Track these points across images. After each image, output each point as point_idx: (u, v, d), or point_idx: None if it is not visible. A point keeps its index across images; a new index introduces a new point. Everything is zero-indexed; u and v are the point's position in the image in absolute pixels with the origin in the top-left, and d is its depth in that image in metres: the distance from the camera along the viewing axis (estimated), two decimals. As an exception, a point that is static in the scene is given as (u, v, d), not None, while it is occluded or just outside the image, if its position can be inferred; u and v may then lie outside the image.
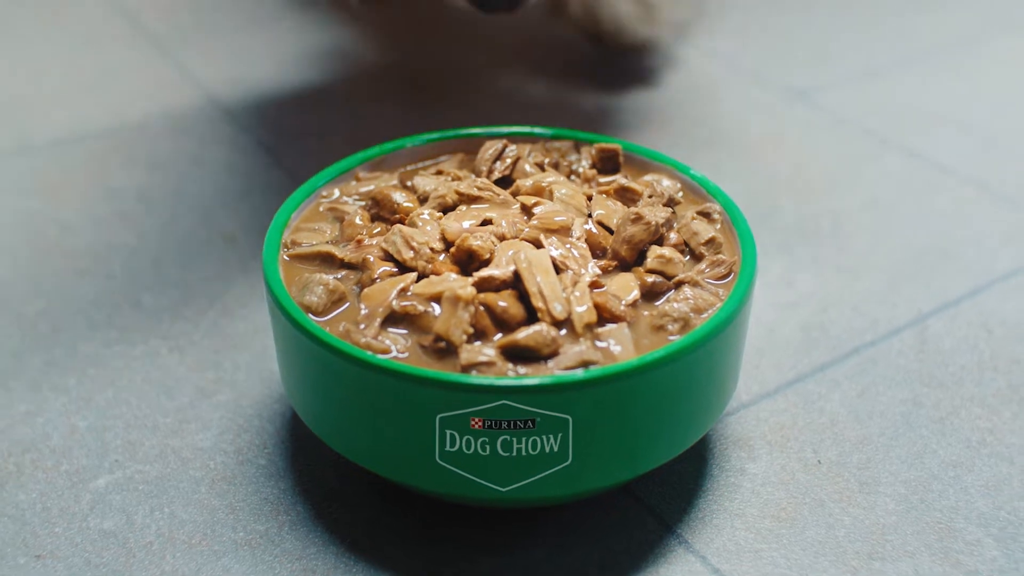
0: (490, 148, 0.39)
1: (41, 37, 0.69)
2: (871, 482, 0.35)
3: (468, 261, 0.33)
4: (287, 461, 0.36)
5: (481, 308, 0.31)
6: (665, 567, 0.32)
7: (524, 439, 0.30)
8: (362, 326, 0.31)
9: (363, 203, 0.37)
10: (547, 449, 0.30)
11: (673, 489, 0.35)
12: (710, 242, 0.35)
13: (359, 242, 0.35)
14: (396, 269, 0.33)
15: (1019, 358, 0.41)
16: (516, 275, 0.32)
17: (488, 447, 0.30)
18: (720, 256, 0.34)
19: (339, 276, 0.34)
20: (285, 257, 0.35)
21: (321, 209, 0.38)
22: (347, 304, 0.33)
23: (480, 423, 0.30)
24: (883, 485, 0.35)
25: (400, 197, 0.36)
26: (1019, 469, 0.36)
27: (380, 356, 0.30)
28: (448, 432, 0.30)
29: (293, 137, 0.57)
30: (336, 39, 0.67)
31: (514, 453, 0.30)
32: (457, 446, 0.30)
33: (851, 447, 0.37)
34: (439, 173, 0.39)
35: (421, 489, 0.33)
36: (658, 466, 0.33)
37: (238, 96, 0.61)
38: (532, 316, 0.31)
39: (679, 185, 0.39)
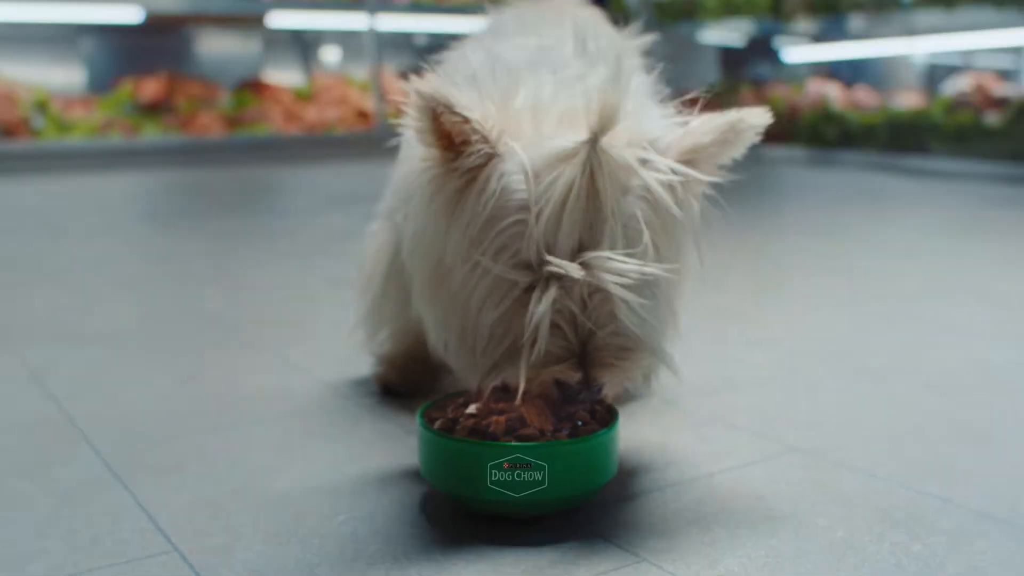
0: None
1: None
2: (686, 512, 0.80)
3: (501, 412, 0.80)
4: (417, 496, 0.81)
5: (508, 425, 0.78)
6: (589, 548, 0.76)
7: (525, 473, 0.75)
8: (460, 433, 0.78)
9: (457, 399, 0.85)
10: (536, 479, 0.75)
11: (597, 515, 0.79)
12: (597, 412, 0.82)
13: (456, 410, 0.82)
14: (474, 417, 0.80)
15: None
16: (521, 416, 0.79)
17: (510, 476, 0.75)
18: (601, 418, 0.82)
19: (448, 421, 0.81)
20: (424, 419, 0.82)
21: (436, 407, 0.85)
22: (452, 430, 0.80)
23: (507, 465, 0.75)
24: (684, 522, 0.79)
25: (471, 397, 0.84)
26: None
27: (471, 440, 0.77)
28: (493, 470, 0.76)
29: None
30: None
31: (521, 479, 0.75)
32: (496, 477, 0.76)
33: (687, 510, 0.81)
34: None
35: (478, 500, 0.77)
36: (586, 494, 0.78)
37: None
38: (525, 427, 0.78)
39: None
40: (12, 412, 1.06)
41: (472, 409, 0.81)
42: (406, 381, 1.10)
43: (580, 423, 0.80)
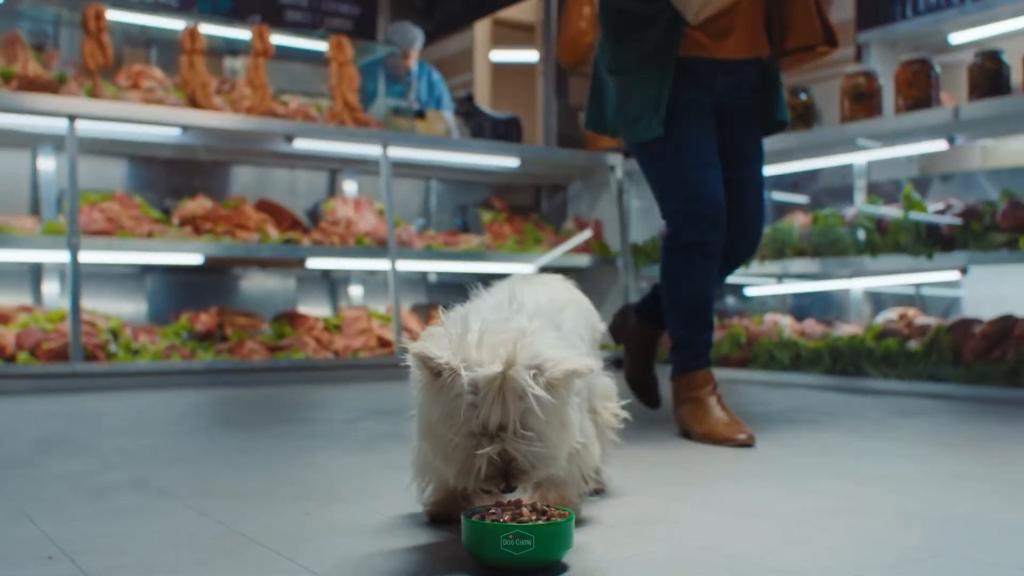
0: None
1: None
2: None
3: (509, 511, 1.45)
4: (456, 560, 1.44)
5: (512, 516, 1.43)
6: (555, 580, 1.39)
7: (520, 540, 1.40)
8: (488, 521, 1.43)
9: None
10: (527, 544, 1.40)
11: (560, 567, 1.42)
12: (555, 507, 1.47)
13: (483, 512, 1.46)
14: (494, 514, 1.45)
15: None
16: (521, 512, 1.44)
17: (514, 542, 1.40)
18: (557, 511, 1.47)
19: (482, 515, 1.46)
20: (467, 516, 1.47)
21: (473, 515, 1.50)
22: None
23: (511, 536, 1.40)
24: None
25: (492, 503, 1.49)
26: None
27: (492, 521, 1.41)
28: (503, 539, 1.40)
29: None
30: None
31: (519, 543, 1.40)
32: (506, 543, 1.40)
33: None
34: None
35: (491, 560, 1.41)
36: (555, 556, 1.41)
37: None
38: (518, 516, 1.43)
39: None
40: (202, 530, 1.69)
41: (493, 511, 1.46)
42: (445, 512, 1.73)
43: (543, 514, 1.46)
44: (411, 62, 6.73)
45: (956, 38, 6.05)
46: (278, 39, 5.68)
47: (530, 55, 8.65)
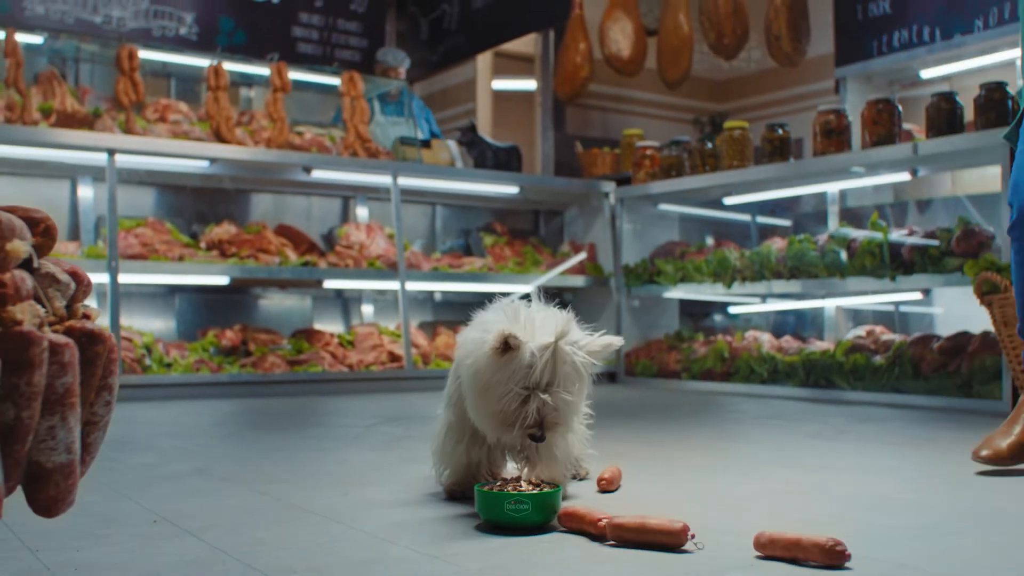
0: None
1: None
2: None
3: (510, 483, 1.88)
4: (470, 522, 1.87)
5: (513, 488, 1.86)
6: (543, 539, 1.82)
7: (520, 505, 1.83)
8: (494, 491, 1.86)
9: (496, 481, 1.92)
10: (525, 508, 1.83)
11: (550, 527, 1.85)
12: (547, 482, 1.90)
13: (492, 485, 1.89)
14: (499, 485, 1.88)
15: None
16: (520, 485, 1.87)
17: (515, 507, 1.83)
18: (548, 485, 1.90)
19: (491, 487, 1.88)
20: (479, 487, 1.90)
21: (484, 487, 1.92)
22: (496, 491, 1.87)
23: (513, 502, 1.83)
24: None
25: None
26: None
27: (498, 491, 1.85)
28: (507, 505, 1.83)
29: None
30: None
31: (519, 507, 1.83)
32: (508, 507, 1.83)
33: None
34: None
35: (497, 520, 1.84)
36: (547, 518, 1.84)
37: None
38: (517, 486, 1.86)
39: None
40: (265, 503, 2.12)
41: (500, 484, 1.90)
42: (460, 490, 2.16)
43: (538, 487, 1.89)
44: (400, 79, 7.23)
45: (926, 73, 6.49)
46: (294, 74, 6.13)
47: (529, 84, 9.11)
